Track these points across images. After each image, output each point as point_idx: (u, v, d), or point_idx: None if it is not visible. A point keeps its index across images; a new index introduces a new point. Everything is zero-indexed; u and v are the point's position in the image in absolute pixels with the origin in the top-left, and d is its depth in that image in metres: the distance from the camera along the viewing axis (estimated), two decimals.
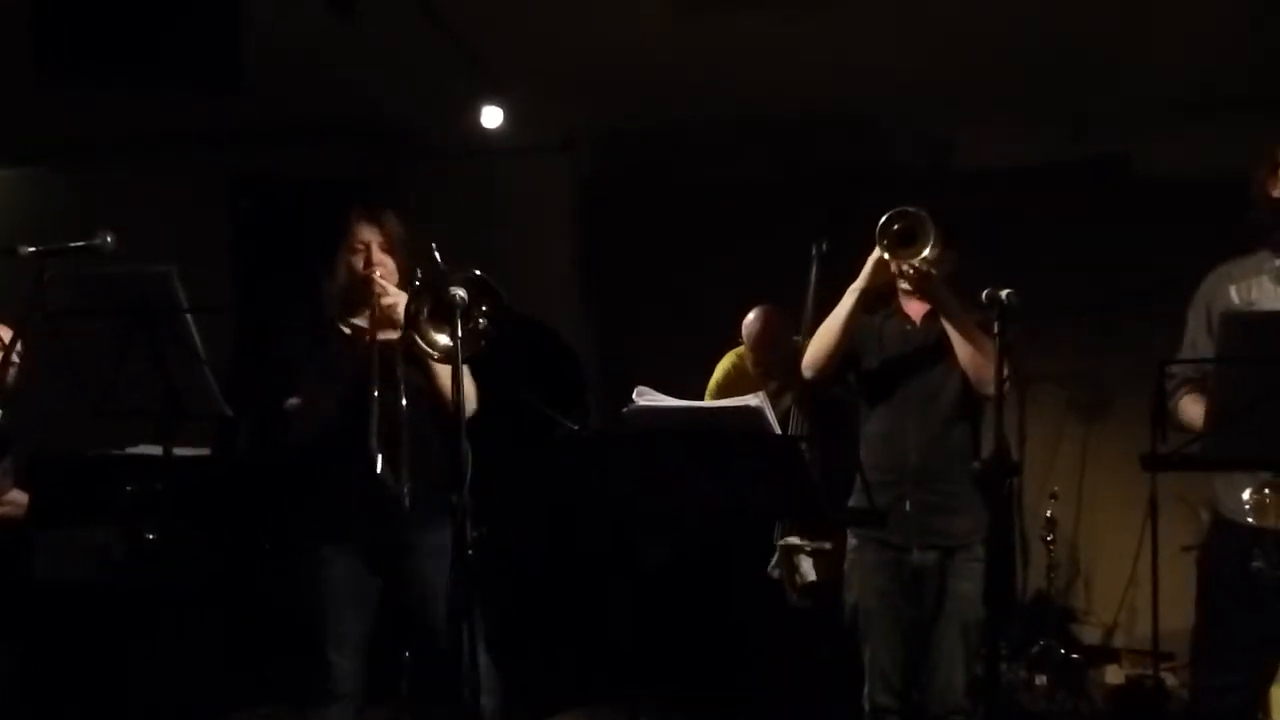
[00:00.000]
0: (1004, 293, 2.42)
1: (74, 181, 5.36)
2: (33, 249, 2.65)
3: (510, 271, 2.74)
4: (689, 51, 4.27)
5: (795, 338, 3.58)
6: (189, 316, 2.54)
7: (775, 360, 3.77)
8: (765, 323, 3.86)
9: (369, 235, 2.72)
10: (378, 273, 2.67)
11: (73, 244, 2.67)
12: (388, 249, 2.72)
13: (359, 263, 2.70)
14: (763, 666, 3.44)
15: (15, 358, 2.81)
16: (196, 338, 2.57)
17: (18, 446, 3.17)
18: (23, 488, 3.43)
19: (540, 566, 4.10)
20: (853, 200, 3.52)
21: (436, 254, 2.57)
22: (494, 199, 5.17)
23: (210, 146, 4.95)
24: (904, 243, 2.66)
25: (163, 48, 3.05)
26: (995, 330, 2.43)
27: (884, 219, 2.67)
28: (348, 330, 2.74)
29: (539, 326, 4.45)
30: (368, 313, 2.67)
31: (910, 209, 2.65)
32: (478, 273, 2.44)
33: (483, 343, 2.44)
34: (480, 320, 2.42)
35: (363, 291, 2.68)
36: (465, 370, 2.51)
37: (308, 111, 4.77)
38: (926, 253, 2.64)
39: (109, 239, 2.67)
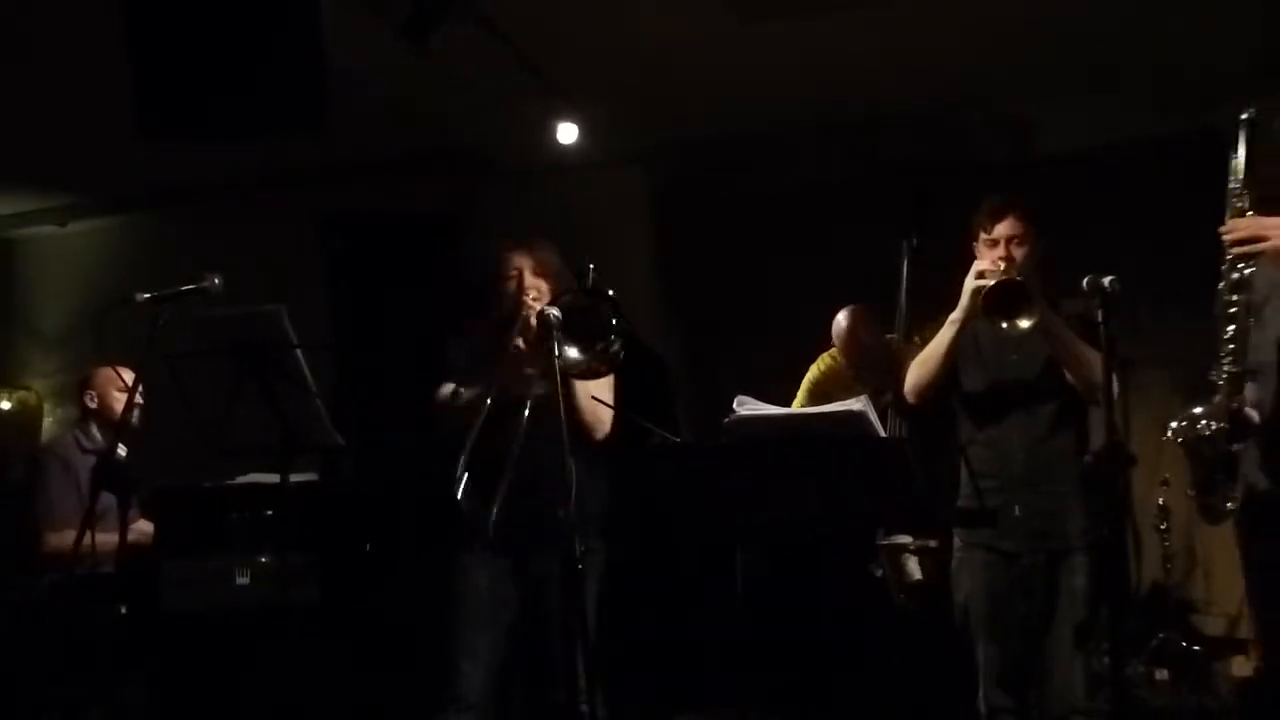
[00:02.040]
0: (1106, 280, 2.32)
1: (175, 226, 5.63)
2: (147, 295, 2.79)
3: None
4: (757, 57, 4.27)
5: (890, 335, 3.54)
6: (298, 352, 2.64)
7: (867, 360, 3.73)
8: (853, 322, 3.83)
9: (520, 261, 2.76)
10: (531, 295, 2.70)
11: (184, 288, 2.81)
12: (540, 274, 2.75)
13: (512, 287, 2.73)
14: (870, 669, 3.39)
15: (138, 399, 2.96)
16: (307, 372, 2.67)
17: (142, 481, 3.32)
18: (147, 520, 3.62)
19: (642, 577, 4.12)
20: (935, 189, 3.46)
21: (593, 273, 2.58)
22: (572, 215, 5.22)
23: (301, 186, 5.13)
24: (1007, 308, 2.55)
25: (251, 96, 3.18)
26: (1099, 319, 2.36)
27: (986, 291, 2.57)
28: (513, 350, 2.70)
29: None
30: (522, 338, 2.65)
31: (1011, 278, 2.56)
32: (610, 293, 2.46)
33: (614, 362, 2.47)
34: (615, 340, 2.45)
35: (518, 317, 2.68)
36: (605, 393, 2.53)
37: (388, 145, 4.91)
38: (1034, 321, 2.53)
39: (216, 281, 2.80)
